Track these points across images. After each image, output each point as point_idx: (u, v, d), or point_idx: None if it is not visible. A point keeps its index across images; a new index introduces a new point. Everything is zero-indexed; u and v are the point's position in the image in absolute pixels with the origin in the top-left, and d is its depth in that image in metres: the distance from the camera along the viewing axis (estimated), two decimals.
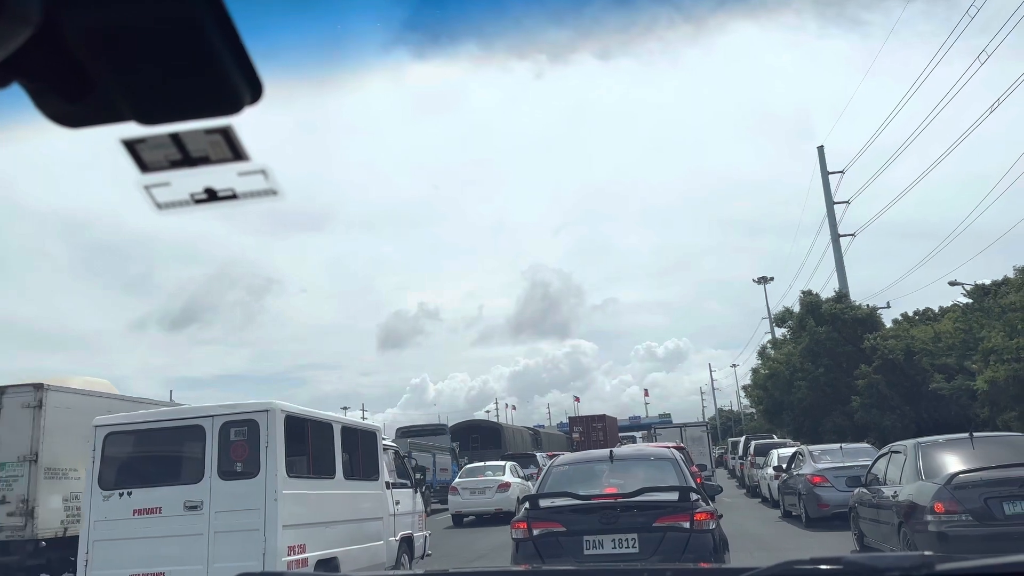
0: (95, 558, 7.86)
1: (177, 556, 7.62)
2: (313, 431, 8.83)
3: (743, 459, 28.60)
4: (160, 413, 8.97)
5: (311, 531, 8.16)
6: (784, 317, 35.67)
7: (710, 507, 7.18)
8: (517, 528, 7.04)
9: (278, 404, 8.16)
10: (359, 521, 9.36)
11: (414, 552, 11.04)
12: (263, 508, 7.59)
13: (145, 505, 7.87)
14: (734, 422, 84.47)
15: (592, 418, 52.56)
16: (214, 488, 7.78)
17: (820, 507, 14.52)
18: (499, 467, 22.10)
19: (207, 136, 0.64)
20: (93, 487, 8.07)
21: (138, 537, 7.76)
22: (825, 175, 38.99)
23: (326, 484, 8.80)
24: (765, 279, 55.84)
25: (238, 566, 7.11)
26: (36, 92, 0.59)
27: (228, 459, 7.89)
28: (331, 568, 8.36)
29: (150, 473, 8.19)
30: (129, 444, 8.33)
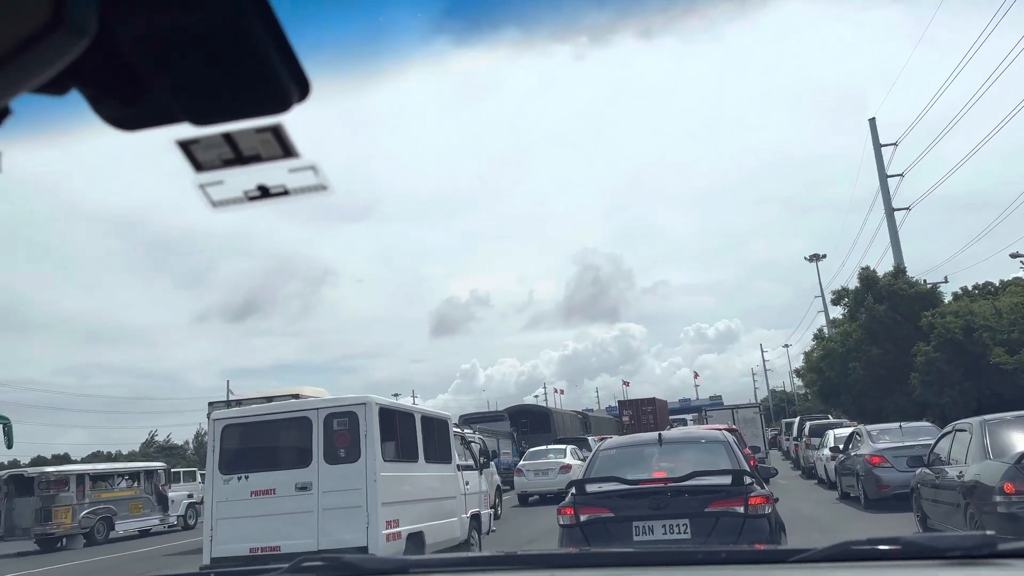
0: (219, 534, 8.90)
1: (291, 531, 8.61)
2: (400, 420, 9.86)
3: (798, 440, 28.07)
4: (270, 407, 10.45)
5: (402, 508, 9.20)
6: (841, 295, 34.72)
7: (765, 490, 6.93)
8: (564, 514, 6.89)
9: (373, 398, 9.30)
10: (438, 500, 10.39)
11: (482, 528, 12.07)
12: (364, 488, 8.62)
13: (261, 487, 8.89)
14: (787, 403, 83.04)
15: (642, 401, 52.09)
16: (321, 471, 8.81)
17: (879, 488, 14.10)
18: (560, 450, 23.54)
19: (258, 135, 0.66)
20: (214, 472, 9.13)
21: (256, 515, 8.79)
22: (877, 148, 37.81)
23: (411, 467, 9.83)
24: (817, 257, 54.63)
25: (345, 539, 8.41)
26: (93, 97, 0.61)
27: (332, 446, 8.91)
28: (418, 541, 9.37)
29: (264, 459, 9.23)
30: (244, 435, 9.38)
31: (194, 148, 0.67)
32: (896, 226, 36.83)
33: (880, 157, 37.65)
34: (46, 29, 0.48)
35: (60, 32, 0.49)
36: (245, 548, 8.61)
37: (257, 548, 8.56)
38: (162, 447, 64.10)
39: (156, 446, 64.40)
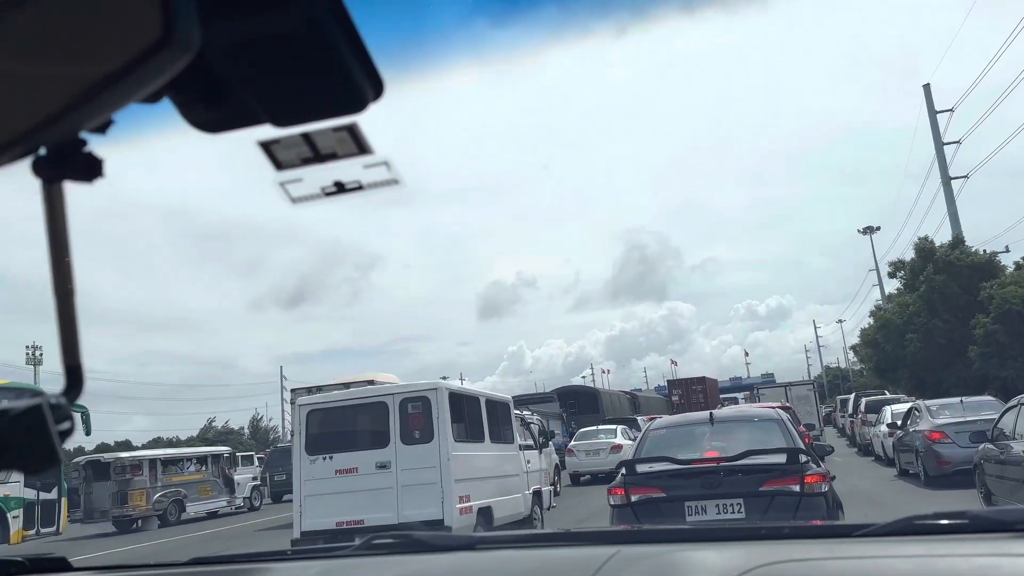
0: (307, 510, 9.64)
1: (372, 506, 9.36)
2: (467, 404, 10.57)
3: (853, 417, 27.52)
4: (349, 393, 11.34)
5: (472, 485, 9.88)
6: (898, 267, 33.75)
7: (821, 468, 6.73)
8: (615, 494, 6.79)
9: (443, 383, 10.27)
10: (503, 477, 11.08)
11: (543, 504, 12.74)
12: (439, 466, 9.33)
13: (344, 466, 9.63)
14: (842, 379, 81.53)
15: (691, 380, 51.56)
16: (398, 451, 9.54)
17: (940, 464, 13.69)
18: (611, 430, 23.67)
19: (335, 134, 0.69)
20: (301, 453, 9.90)
21: (340, 492, 9.52)
22: (933, 115, 36.58)
23: (478, 447, 10.51)
24: (871, 229, 53.24)
25: (422, 513, 9.14)
26: (182, 103, 0.65)
27: (408, 428, 9.63)
28: (487, 515, 10.13)
29: (346, 441, 9.95)
30: (326, 419, 10.10)
31: (275, 148, 0.71)
32: (953, 195, 35.66)
33: (936, 124, 36.43)
34: (155, 47, 0.51)
35: (168, 50, 0.52)
36: (331, 522, 9.37)
37: (343, 522, 9.34)
38: (220, 432, 65.70)
39: (214, 431, 66.03)
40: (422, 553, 1.54)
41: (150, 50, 0.52)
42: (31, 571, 1.62)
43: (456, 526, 9.10)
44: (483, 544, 1.53)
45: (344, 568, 1.45)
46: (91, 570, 1.67)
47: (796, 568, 1.07)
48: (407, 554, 1.55)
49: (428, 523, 9.06)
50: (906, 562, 1.08)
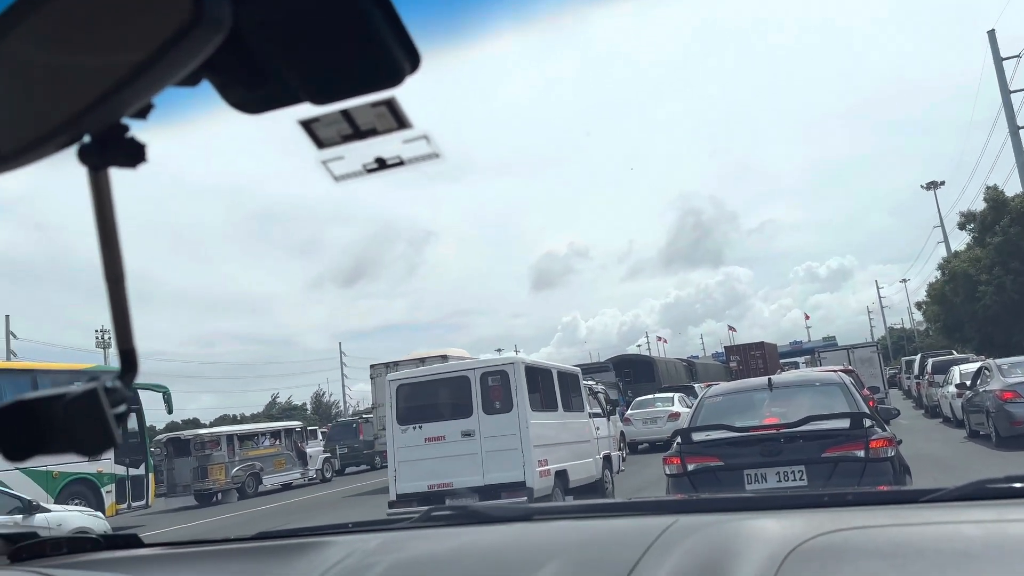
0: (400, 475, 10.61)
1: (460, 470, 10.27)
2: (540, 376, 11.33)
3: (919, 378, 26.82)
4: (433, 368, 12.47)
5: (549, 450, 10.66)
6: (968, 218, 32.48)
7: (887, 432, 6.55)
8: (670, 463, 6.71)
9: (520, 358, 11.35)
10: (576, 443, 11.87)
11: (612, 468, 13.51)
12: (519, 433, 10.16)
13: (433, 435, 10.54)
14: (906, 340, 79.42)
15: (750, 346, 50.70)
16: (481, 421, 10.40)
17: (1013, 425, 13.29)
18: (668, 398, 23.66)
19: (373, 109, 0.69)
20: (393, 423, 10.81)
21: (430, 458, 10.42)
22: (998, 62, 34.89)
23: (553, 415, 11.31)
24: (935, 184, 51.38)
25: (505, 476, 10.06)
26: (221, 85, 0.65)
27: (489, 399, 10.46)
28: (563, 478, 10.90)
29: (433, 412, 10.84)
30: (413, 392, 11.02)
31: (315, 126, 0.71)
32: (1022, 145, 34.09)
33: (1002, 72, 34.77)
34: (186, 27, 0.52)
35: (199, 29, 0.52)
36: (424, 485, 10.33)
37: (434, 485, 10.27)
38: (283, 408, 67.46)
39: (278, 408, 67.82)
40: (480, 524, 1.55)
41: (182, 31, 0.52)
42: (105, 547, 1.68)
43: (536, 488, 10.05)
44: (540, 515, 1.54)
45: (403, 540, 1.47)
46: (160, 546, 1.72)
47: (859, 535, 1.04)
48: (465, 526, 1.56)
49: (511, 485, 10.02)
50: (976, 528, 1.04)
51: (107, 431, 0.60)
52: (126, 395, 0.63)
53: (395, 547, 1.40)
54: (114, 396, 0.61)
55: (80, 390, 0.61)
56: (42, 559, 1.58)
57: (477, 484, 10.11)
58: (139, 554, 1.63)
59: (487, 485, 10.08)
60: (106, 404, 0.61)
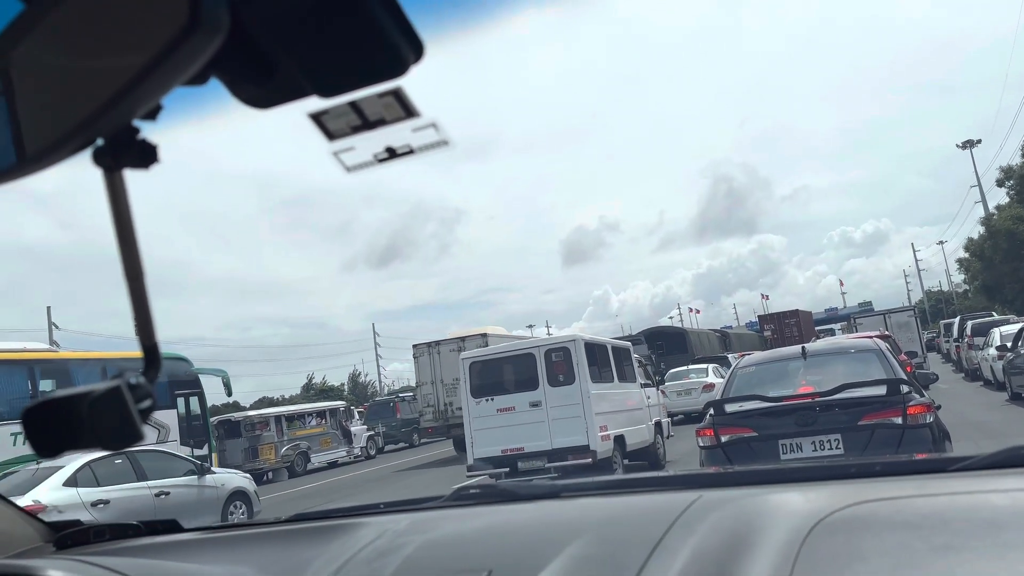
0: (476, 441, 11.82)
1: (528, 436, 11.41)
2: (598, 351, 12.40)
3: (959, 341, 26.38)
4: (502, 348, 13.15)
5: (608, 417, 11.73)
6: (1008, 174, 31.58)
7: (925, 398, 6.46)
8: (704, 435, 6.68)
9: (580, 335, 12.30)
10: (630, 411, 12.90)
11: (664, 433, 14.43)
12: (581, 403, 11.27)
13: (504, 406, 11.74)
14: (945, 303, 78.05)
15: (784, 314, 50.21)
16: (547, 392, 11.53)
17: None
18: (702, 369, 23.72)
19: (380, 99, 0.70)
20: (468, 397, 12.05)
21: (501, 426, 11.61)
22: None
23: (610, 386, 12.39)
24: (971, 143, 50.14)
25: (570, 440, 11.16)
26: (230, 82, 0.66)
27: (554, 373, 11.57)
28: (621, 442, 11.95)
29: (503, 385, 12.02)
30: (484, 369, 12.23)
31: (325, 119, 0.72)
32: None
33: None
34: (185, 32, 0.52)
35: (197, 33, 0.53)
36: (498, 450, 11.52)
37: (507, 449, 11.45)
38: (320, 389, 68.33)
39: (315, 389, 68.73)
40: (508, 503, 1.56)
41: (180, 36, 0.53)
42: (146, 533, 1.73)
43: (599, 451, 11.14)
44: (567, 492, 1.55)
45: (432, 520, 1.50)
46: (199, 530, 1.77)
47: (886, 507, 1.03)
48: (493, 504, 1.58)
49: (576, 448, 11.13)
50: (1004, 497, 1.02)
51: (132, 426, 0.62)
52: (150, 391, 0.65)
53: (425, 527, 1.42)
54: (138, 392, 0.63)
55: (104, 388, 0.63)
56: (86, 546, 1.63)
57: (545, 448, 11.26)
58: (179, 539, 1.68)
59: (555, 449, 11.24)
60: (130, 400, 0.63)
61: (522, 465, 11.41)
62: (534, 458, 11.32)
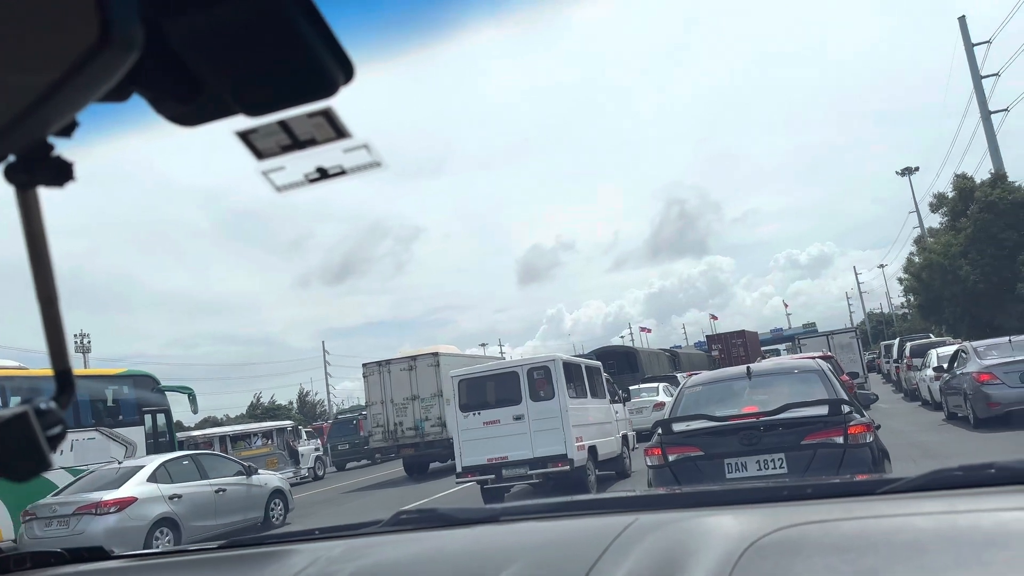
0: (464, 451, 12.73)
1: (513, 446, 12.42)
2: (573, 369, 13.55)
3: (898, 362, 27.10)
4: (490, 366, 14.82)
5: (583, 429, 12.82)
6: (941, 201, 32.79)
7: (865, 418, 6.60)
8: (651, 455, 6.73)
9: (559, 356, 13.57)
10: (602, 424, 14.07)
11: (629, 445, 15.62)
12: (560, 416, 12.35)
13: (490, 419, 12.71)
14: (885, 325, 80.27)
15: (731, 335, 50.97)
16: (529, 407, 12.58)
17: (990, 407, 13.40)
18: (652, 388, 24.36)
19: (310, 119, 0.69)
20: (457, 410, 13.11)
21: (487, 437, 12.57)
22: (969, 48, 35.34)
23: (584, 401, 13.48)
24: (909, 170, 51.84)
25: (550, 450, 12.17)
26: (153, 99, 0.65)
27: (535, 389, 12.65)
28: (594, 452, 12.97)
29: (489, 400, 12.99)
30: (472, 385, 13.26)
31: (253, 137, 0.71)
32: (994, 129, 34.52)
33: (972, 57, 35.22)
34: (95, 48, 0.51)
35: (108, 50, 0.52)
36: (483, 459, 12.48)
37: (492, 458, 12.41)
38: (267, 408, 67.06)
39: (262, 408, 67.41)
40: (446, 528, 1.54)
41: (90, 53, 0.52)
42: (70, 561, 1.66)
43: (576, 459, 12.15)
44: (506, 516, 1.54)
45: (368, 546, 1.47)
46: (127, 557, 1.71)
47: (815, 530, 1.05)
48: (431, 530, 1.56)
49: (555, 457, 12.15)
50: (926, 519, 1.04)
51: (40, 455, 0.59)
52: (60, 417, 0.62)
53: (359, 553, 1.39)
54: (47, 418, 0.61)
55: (10, 414, 0.60)
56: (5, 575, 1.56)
57: (527, 457, 12.30)
58: (104, 567, 1.62)
59: (536, 457, 12.27)
60: (38, 427, 0.60)
61: (506, 472, 12.42)
62: (517, 466, 12.34)
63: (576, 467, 12.19)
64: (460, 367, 15.93)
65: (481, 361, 22.99)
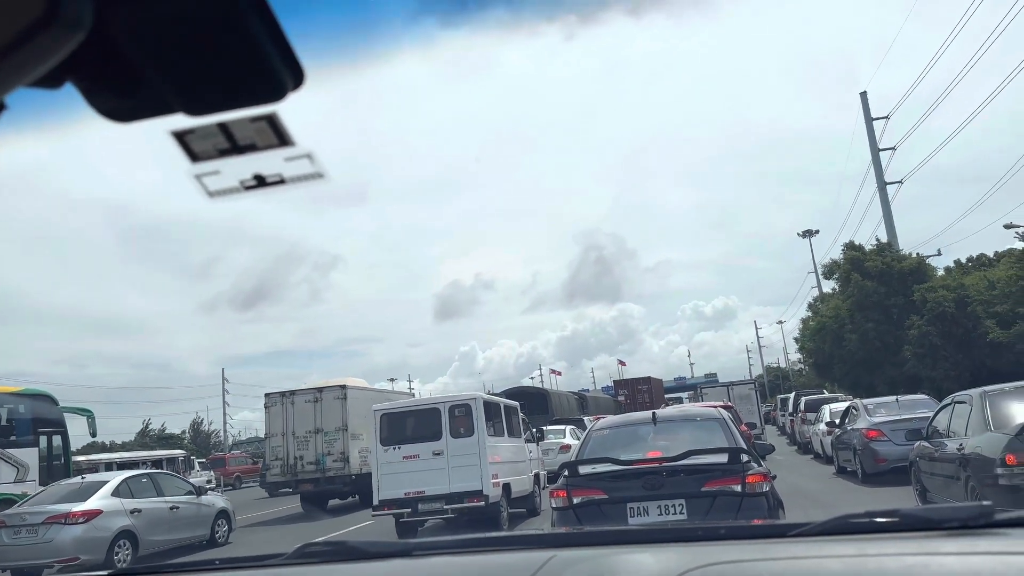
0: (382, 484, 12.91)
1: (430, 481, 12.65)
2: (492, 408, 13.98)
3: (793, 415, 28.14)
4: (413, 401, 15.83)
5: (499, 467, 13.23)
6: (832, 269, 34.65)
7: (762, 467, 6.80)
8: (556, 496, 6.74)
9: (480, 395, 14.24)
10: (517, 462, 14.53)
11: (540, 483, 15.92)
12: (478, 454, 12.72)
13: (409, 453, 12.93)
14: (782, 379, 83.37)
15: (637, 380, 52.14)
16: (449, 443, 12.88)
17: (877, 462, 14.07)
18: (560, 430, 24.43)
19: (253, 124, 0.66)
20: (377, 444, 13.25)
21: (406, 472, 12.78)
22: (869, 121, 37.64)
23: (501, 440, 13.91)
24: (810, 232, 54.49)
25: (466, 486, 12.46)
26: (87, 90, 0.62)
27: (456, 426, 12.97)
28: (508, 490, 13.41)
29: (410, 435, 13.21)
30: (394, 420, 13.48)
31: (189, 138, 0.67)
32: (888, 200, 36.74)
33: (872, 131, 37.51)
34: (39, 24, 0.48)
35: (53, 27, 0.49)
36: (401, 492, 12.63)
37: (410, 492, 12.59)
38: (158, 436, 63.96)
39: (152, 435, 64.25)
40: (355, 562, 1.49)
41: (32, 29, 0.48)
42: None
43: (491, 495, 12.47)
44: (419, 550, 1.49)
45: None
46: None
47: (730, 570, 1.06)
48: (340, 563, 1.50)
49: (471, 492, 12.42)
50: (837, 562, 1.08)
51: None
52: None
53: None
54: None
55: None
56: None
57: (444, 492, 12.52)
58: None
59: (453, 492, 12.52)
60: None
61: (422, 507, 12.58)
62: (434, 501, 12.58)
63: (491, 503, 12.52)
64: (368, 401, 16.61)
65: (390, 396, 22.78)
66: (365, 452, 18.60)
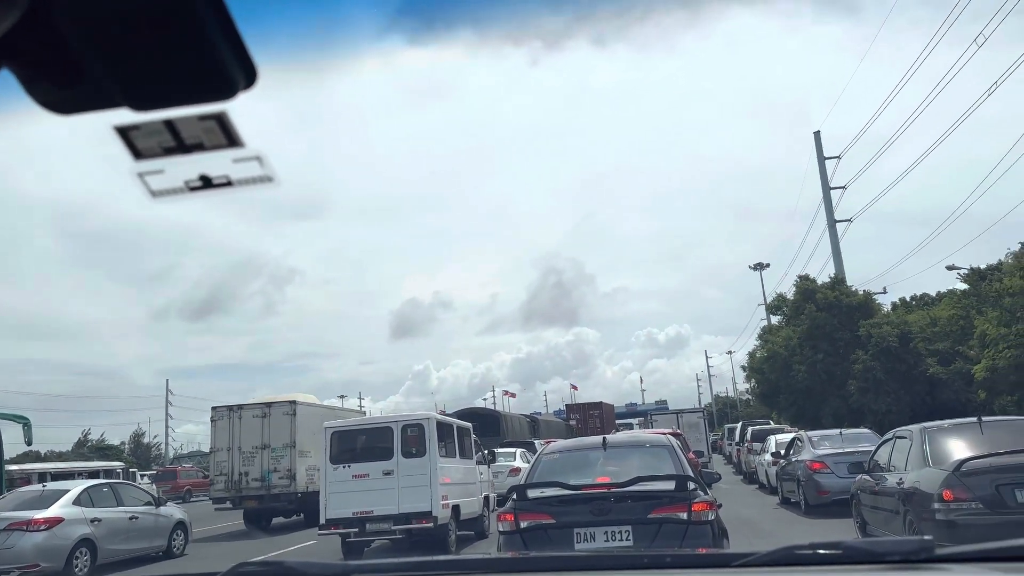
0: (330, 503, 12.67)
1: (379, 501, 12.46)
2: (445, 429, 13.92)
3: (740, 445, 28.47)
4: (365, 419, 16.23)
5: (450, 488, 13.09)
6: (778, 304, 35.38)
7: (709, 496, 6.85)
8: (504, 520, 6.70)
9: (433, 415, 14.37)
10: (467, 484, 14.36)
11: (490, 506, 15.57)
12: (429, 474, 12.56)
13: (359, 472, 12.75)
14: (730, 408, 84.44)
15: (589, 405, 52.27)
16: (400, 463, 12.73)
17: (820, 494, 14.29)
18: (510, 453, 24.30)
19: (201, 122, 0.63)
20: (326, 462, 13.01)
21: (355, 491, 12.55)
22: (821, 161, 38.66)
23: (453, 461, 13.83)
24: (761, 265, 55.46)
25: (415, 507, 12.31)
26: (26, 78, 0.58)
27: (407, 446, 12.85)
28: (456, 512, 13.25)
29: (360, 454, 13.10)
30: (345, 438, 13.33)
31: (133, 135, 0.64)
32: (837, 237, 37.68)
33: (824, 170, 38.50)
34: None
35: None
36: (349, 512, 12.42)
37: (358, 512, 12.38)
38: (96, 447, 62.02)
39: (89, 446, 62.28)
40: None
41: None
42: None
43: (440, 517, 12.34)
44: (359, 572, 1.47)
45: None
46: None
47: None
48: None
49: (420, 513, 12.27)
50: None
51: None
52: None
53: None
54: None
55: None
56: None
57: (393, 512, 12.35)
58: None
59: (401, 513, 12.37)
60: None
61: (370, 527, 12.35)
62: (382, 521, 12.36)
63: (439, 525, 12.34)
64: (318, 417, 16.36)
65: (341, 413, 22.51)
66: (313, 470, 18.27)
